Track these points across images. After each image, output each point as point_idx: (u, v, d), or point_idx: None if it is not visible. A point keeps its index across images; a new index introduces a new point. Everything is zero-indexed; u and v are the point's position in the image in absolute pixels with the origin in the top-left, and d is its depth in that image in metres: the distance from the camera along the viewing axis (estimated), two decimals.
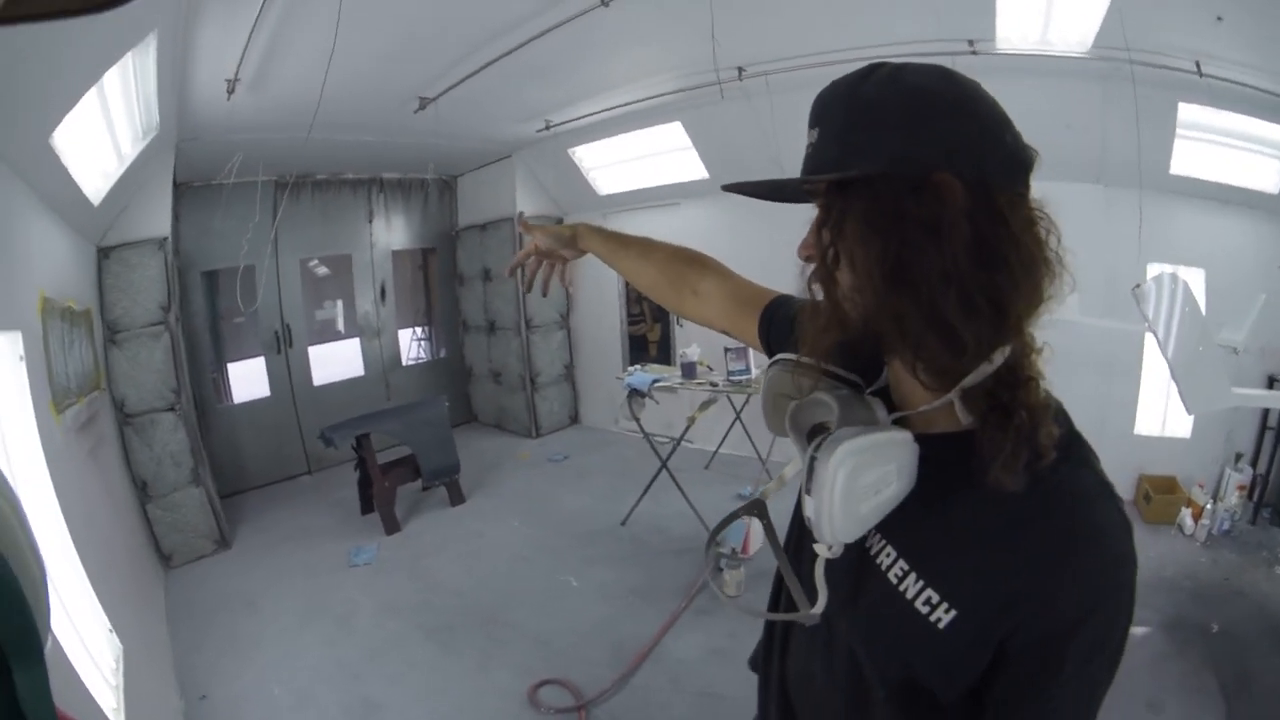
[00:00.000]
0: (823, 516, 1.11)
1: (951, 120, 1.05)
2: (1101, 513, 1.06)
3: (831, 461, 1.08)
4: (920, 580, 1.16)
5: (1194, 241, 6.57)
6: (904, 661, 1.18)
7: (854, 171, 1.06)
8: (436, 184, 11.52)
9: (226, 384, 10.54)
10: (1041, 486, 1.04)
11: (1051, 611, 1.03)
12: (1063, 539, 1.04)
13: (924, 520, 1.17)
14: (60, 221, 5.22)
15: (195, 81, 5.69)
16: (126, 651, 3.97)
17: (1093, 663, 1.05)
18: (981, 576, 1.09)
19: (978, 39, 5.57)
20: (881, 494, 1.12)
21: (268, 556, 7.09)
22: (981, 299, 1.02)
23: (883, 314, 1.08)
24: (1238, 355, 5.13)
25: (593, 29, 5.64)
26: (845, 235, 1.10)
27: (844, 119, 1.10)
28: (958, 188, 1.02)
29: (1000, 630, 1.06)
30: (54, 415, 4.11)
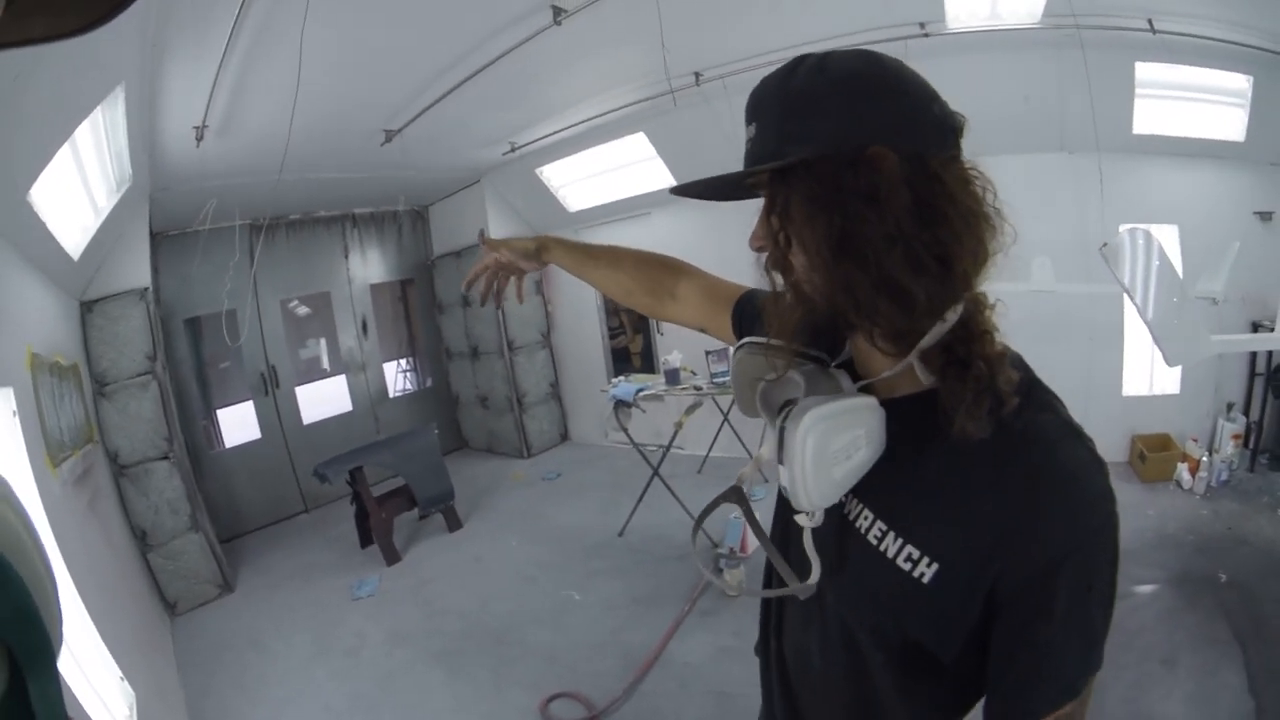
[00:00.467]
0: (796, 483, 1.15)
1: (880, 99, 1.10)
2: (1069, 452, 1.10)
3: (800, 429, 1.12)
4: (899, 539, 1.19)
5: (1164, 198, 6.65)
6: (895, 622, 1.22)
7: (793, 157, 1.10)
8: (409, 215, 11.55)
9: (217, 429, 10.49)
10: (1006, 433, 1.08)
11: (1032, 552, 1.06)
12: (1034, 480, 1.07)
13: (896, 479, 1.21)
14: (42, 277, 5.23)
15: (164, 131, 5.73)
16: (139, 699, 3.99)
17: (1084, 603, 1.07)
18: (958, 526, 1.12)
19: (928, 21, 5.64)
20: (853, 458, 1.16)
21: (271, 597, 7.08)
22: (927, 256, 1.06)
23: (835, 287, 1.12)
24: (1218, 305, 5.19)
25: (547, 48, 5.72)
26: (792, 218, 1.14)
27: (778, 111, 1.14)
28: (892, 157, 1.06)
29: (984, 578, 1.09)
30: (50, 469, 4.12)
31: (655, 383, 7.41)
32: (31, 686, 0.74)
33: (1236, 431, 6.56)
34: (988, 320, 1.16)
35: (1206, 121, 6.33)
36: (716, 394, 7.01)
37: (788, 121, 1.12)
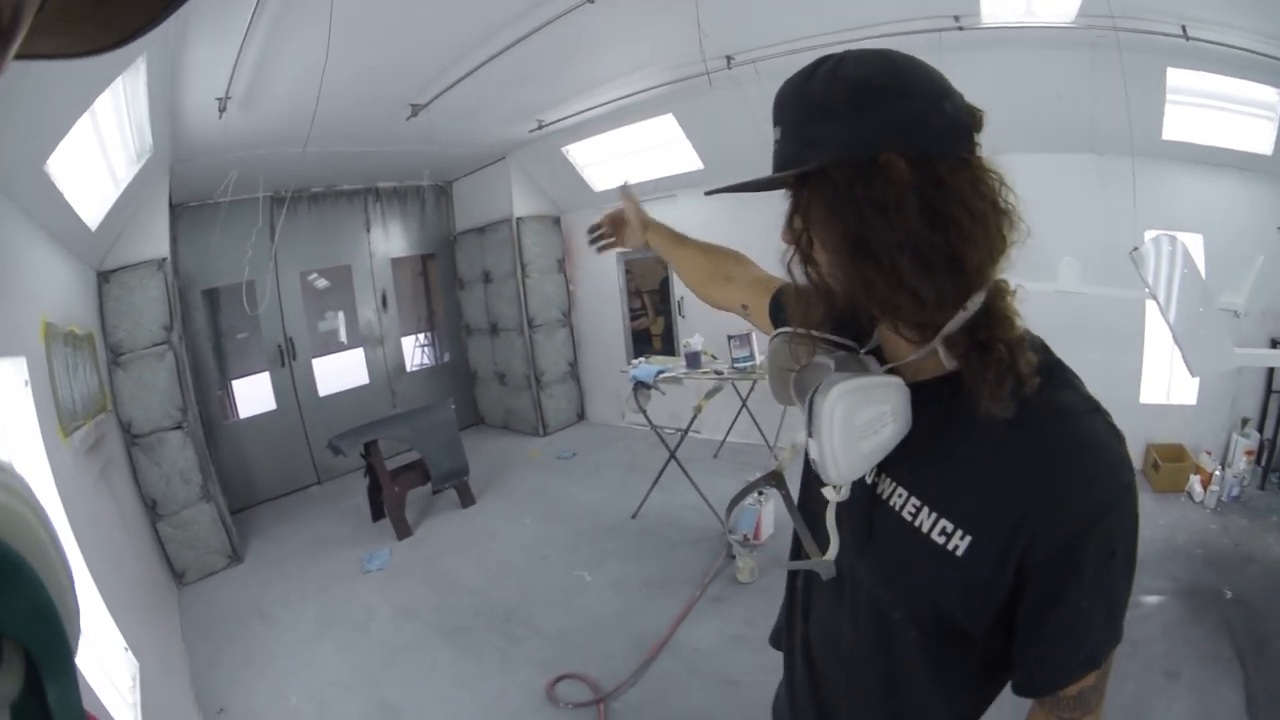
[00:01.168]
0: (825, 455, 1.22)
1: (892, 102, 1.13)
2: (1090, 424, 1.16)
3: (828, 401, 1.20)
4: (934, 513, 1.25)
5: (1190, 206, 6.55)
6: (929, 595, 1.28)
7: (810, 165, 1.16)
8: (432, 190, 11.55)
9: (232, 400, 10.58)
10: (1030, 410, 1.14)
11: (1061, 520, 1.11)
12: (1060, 452, 1.14)
13: (928, 457, 1.27)
14: (59, 247, 5.23)
15: (186, 102, 5.71)
16: (142, 669, 3.99)
17: (1108, 566, 1.13)
18: (989, 500, 1.18)
19: (963, 14, 5.57)
20: (879, 433, 1.23)
21: (281, 568, 7.11)
22: (937, 258, 1.11)
23: (855, 284, 1.18)
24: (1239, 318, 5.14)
25: (580, 26, 5.66)
26: (813, 220, 1.20)
27: (797, 116, 1.20)
28: (902, 165, 1.11)
29: (1015, 548, 1.14)
30: (61, 438, 4.12)
31: (676, 365, 7.40)
32: (49, 688, 0.72)
33: (1250, 447, 6.49)
34: (1009, 306, 1.21)
35: (1235, 132, 6.24)
36: (737, 379, 7.00)
37: (806, 127, 1.18)
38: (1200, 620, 4.76)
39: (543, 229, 11.05)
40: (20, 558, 0.68)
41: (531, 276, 10.81)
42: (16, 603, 0.68)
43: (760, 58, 6.47)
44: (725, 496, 6.31)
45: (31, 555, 0.71)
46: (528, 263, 10.75)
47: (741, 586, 5.77)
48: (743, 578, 5.78)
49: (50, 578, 0.74)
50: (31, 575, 0.70)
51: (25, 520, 0.74)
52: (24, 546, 0.71)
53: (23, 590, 0.69)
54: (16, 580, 0.68)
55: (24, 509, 0.75)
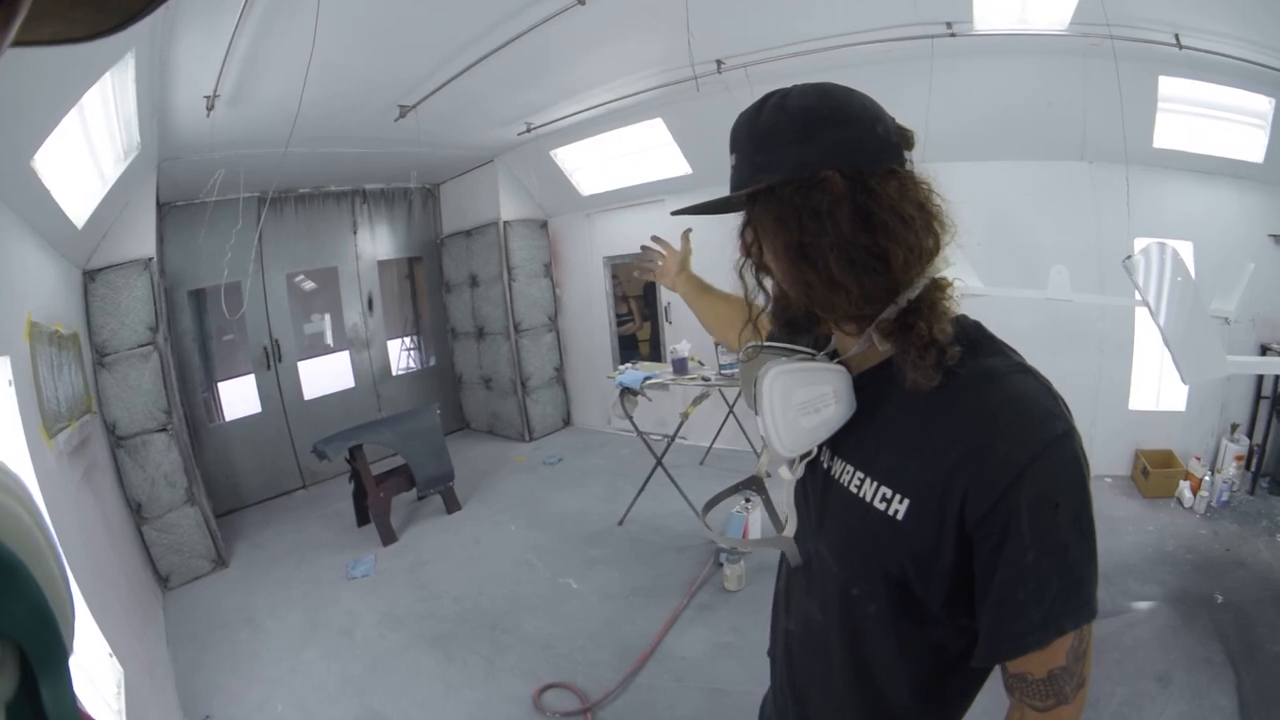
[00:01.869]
0: (769, 429, 1.39)
1: (831, 129, 1.30)
2: (1014, 382, 1.24)
3: (766, 380, 1.38)
4: (874, 481, 1.35)
5: (1181, 214, 6.58)
6: (879, 562, 1.34)
7: (761, 184, 1.34)
8: (420, 192, 11.54)
9: (218, 402, 10.53)
10: (955, 376, 1.25)
11: (990, 473, 1.16)
12: (980, 409, 1.22)
13: (870, 434, 1.40)
14: (44, 245, 5.18)
15: (175, 99, 5.68)
16: (127, 675, 3.96)
17: (1050, 518, 1.15)
18: (922, 463, 1.26)
19: (955, 21, 5.58)
20: (821, 412, 1.40)
21: (266, 573, 7.05)
22: (866, 257, 1.28)
23: (798, 286, 1.36)
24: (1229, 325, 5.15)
25: (570, 28, 5.63)
26: (763, 231, 1.40)
27: (749, 144, 1.37)
28: (837, 179, 1.28)
29: (952, 507, 1.20)
30: (45, 440, 4.08)
31: (662, 371, 7.37)
32: (44, 689, 0.70)
33: (1239, 453, 6.52)
34: (944, 297, 1.34)
35: (1226, 140, 6.29)
36: (723, 385, 6.96)
37: (757, 154, 1.36)
38: (1191, 625, 4.76)
39: (530, 233, 11.03)
40: (15, 557, 0.67)
41: (518, 280, 10.78)
42: (11, 603, 0.66)
43: (751, 62, 6.46)
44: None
45: (26, 555, 0.70)
46: (514, 266, 10.72)
47: (729, 594, 5.74)
48: (730, 585, 5.76)
49: (45, 578, 0.73)
50: (26, 575, 0.69)
51: (20, 520, 0.73)
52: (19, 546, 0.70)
53: (17, 590, 0.68)
54: (11, 580, 0.66)
55: (19, 508, 0.74)
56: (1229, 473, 6.43)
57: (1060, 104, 6.22)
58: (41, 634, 0.70)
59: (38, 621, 0.70)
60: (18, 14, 0.50)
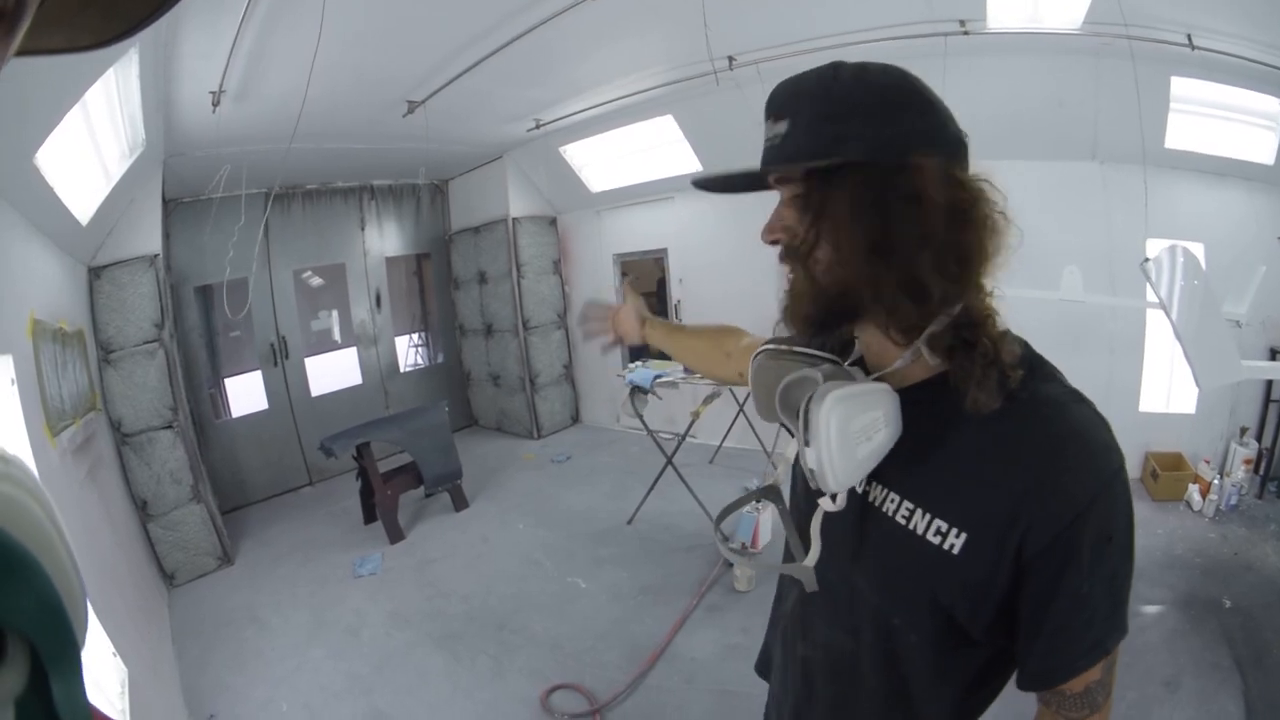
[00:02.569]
0: (824, 463, 1.21)
1: (918, 111, 1.20)
2: (1077, 413, 1.18)
3: (823, 409, 1.19)
4: (927, 514, 1.25)
5: (1192, 216, 6.55)
6: (928, 596, 1.27)
7: (843, 158, 1.16)
8: (428, 189, 11.52)
9: (224, 399, 10.53)
10: (1016, 403, 1.17)
11: (1054, 507, 1.12)
12: (1046, 441, 1.15)
13: (917, 460, 1.28)
14: (48, 243, 5.16)
15: (180, 95, 5.66)
16: (131, 675, 3.94)
17: (1105, 551, 1.14)
18: (981, 494, 1.19)
19: (969, 19, 5.54)
20: (873, 440, 1.23)
21: (272, 571, 7.05)
22: (951, 257, 1.16)
23: (862, 282, 1.20)
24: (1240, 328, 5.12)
25: (580, 23, 5.59)
26: (828, 216, 1.21)
27: (815, 112, 1.21)
28: (933, 164, 1.14)
29: (1011, 540, 1.15)
30: (49, 438, 4.07)
31: (673, 370, 7.33)
32: (55, 685, 0.67)
33: (1249, 456, 6.49)
34: (988, 306, 1.24)
35: (1238, 142, 6.26)
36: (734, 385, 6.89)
37: (828, 123, 1.19)
38: (1199, 629, 4.76)
39: (539, 229, 11.02)
40: (26, 551, 0.65)
41: (527, 277, 10.78)
42: (22, 597, 0.63)
43: (763, 59, 6.40)
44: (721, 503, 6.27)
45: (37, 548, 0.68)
46: (523, 263, 10.72)
47: (739, 595, 5.72)
48: (740, 586, 5.75)
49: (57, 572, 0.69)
50: (37, 568, 0.66)
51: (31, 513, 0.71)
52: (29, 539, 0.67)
53: (28, 584, 0.65)
54: (22, 574, 0.63)
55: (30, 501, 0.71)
56: (1238, 476, 6.42)
57: (1072, 104, 6.20)
58: (53, 629, 0.67)
59: (49, 616, 0.67)
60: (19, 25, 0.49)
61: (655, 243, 10.17)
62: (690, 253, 9.73)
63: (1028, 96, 6.23)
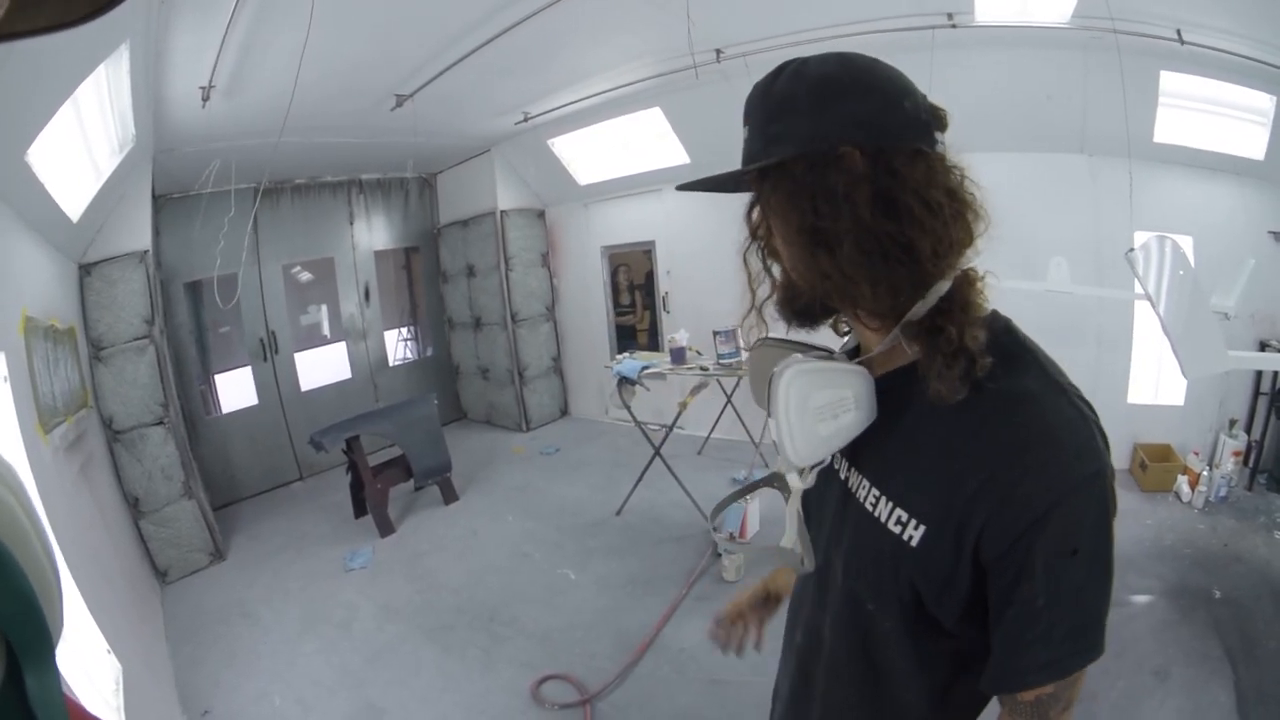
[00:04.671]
0: (783, 435, 1.25)
1: (851, 99, 1.18)
2: (1050, 410, 1.13)
3: (783, 381, 1.24)
4: (890, 502, 1.26)
5: (1181, 209, 6.56)
6: (893, 584, 1.27)
7: (773, 159, 1.21)
8: (416, 182, 11.50)
9: (214, 395, 10.51)
10: (984, 394, 1.14)
11: (1011, 510, 1.08)
12: (1007, 439, 1.12)
13: (887, 445, 1.30)
14: (39, 239, 5.17)
15: (169, 91, 5.65)
16: (125, 671, 3.94)
17: (1067, 565, 1.08)
18: (941, 489, 1.17)
19: (956, 12, 5.56)
20: (839, 419, 1.26)
21: (264, 566, 7.05)
22: (890, 245, 1.15)
23: (813, 273, 1.24)
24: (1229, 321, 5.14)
25: (568, 16, 5.59)
26: (773, 211, 1.28)
27: (762, 115, 1.25)
28: (857, 156, 1.16)
29: (967, 539, 1.13)
30: (41, 435, 4.08)
31: (660, 361, 7.36)
32: (29, 679, 0.72)
33: (1237, 448, 6.52)
34: (975, 293, 1.23)
35: (1227, 137, 6.27)
36: (721, 375, 6.95)
37: (770, 124, 1.23)
38: (1189, 620, 4.77)
39: (527, 222, 11.02)
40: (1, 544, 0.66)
41: (515, 270, 10.77)
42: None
43: (750, 51, 6.43)
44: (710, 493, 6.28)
45: (12, 541, 0.70)
46: (511, 256, 10.71)
47: (728, 585, 5.75)
48: (729, 576, 5.78)
49: (32, 565, 0.73)
50: (10, 562, 0.69)
51: (7, 505, 0.73)
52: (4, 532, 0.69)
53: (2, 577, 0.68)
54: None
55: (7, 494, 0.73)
56: (1227, 468, 6.44)
57: (1060, 97, 6.21)
58: (26, 622, 0.71)
59: (22, 610, 0.70)
60: None
61: (643, 235, 10.16)
62: (678, 244, 9.73)
63: (1016, 90, 6.23)
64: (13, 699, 0.71)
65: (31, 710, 0.72)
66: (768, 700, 1.83)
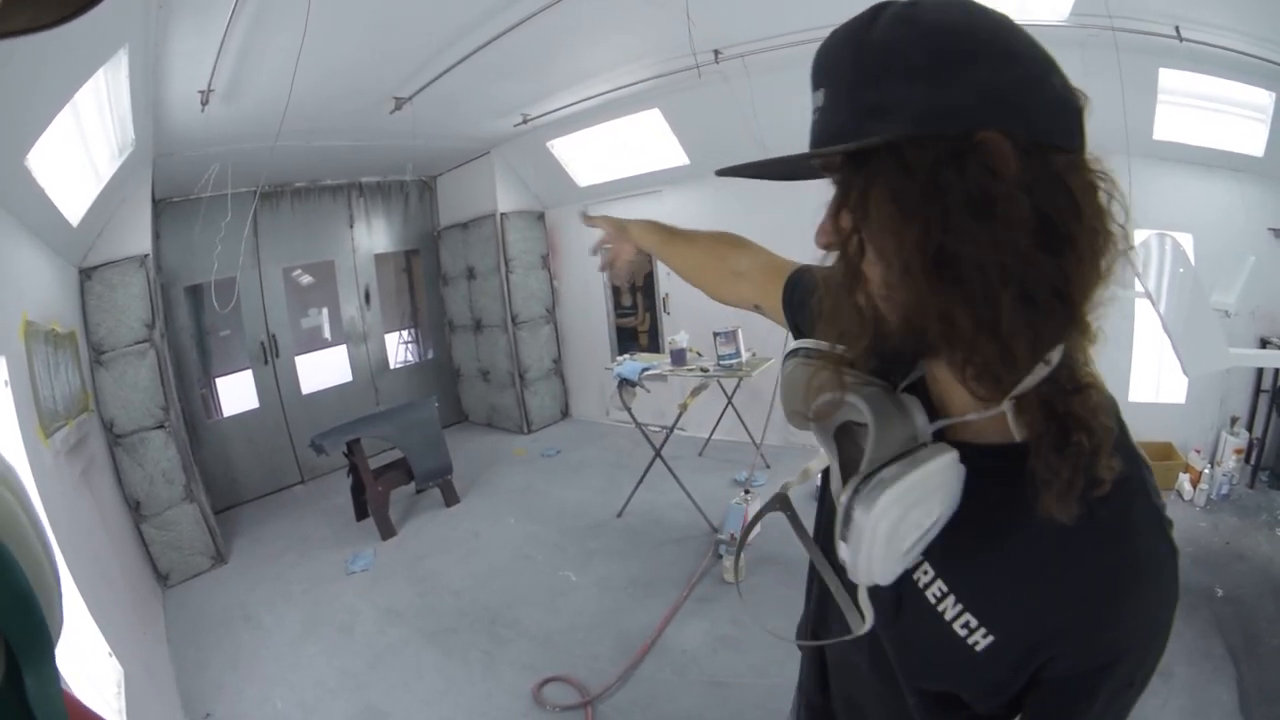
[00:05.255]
0: (860, 563, 0.99)
1: (988, 63, 0.85)
2: (1153, 551, 0.98)
3: (874, 513, 0.95)
4: (959, 604, 1.08)
5: (1181, 206, 6.56)
6: (940, 678, 1.15)
7: (875, 138, 0.87)
8: (416, 185, 11.49)
9: (215, 398, 10.50)
10: (1095, 520, 0.92)
11: (1090, 650, 0.98)
12: (1110, 579, 0.96)
13: (965, 542, 1.05)
14: (40, 244, 5.17)
15: (169, 94, 5.65)
16: (127, 675, 3.95)
17: (1124, 695, 1.02)
18: (1023, 607, 1.02)
19: None
20: (923, 528, 0.99)
21: (265, 569, 7.06)
22: (1045, 292, 0.86)
23: (927, 313, 0.90)
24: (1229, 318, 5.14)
25: (567, 17, 5.60)
26: (870, 219, 0.91)
27: (853, 74, 0.91)
28: (1009, 150, 0.84)
29: (1036, 659, 1.01)
30: (42, 439, 4.08)
31: (660, 363, 7.37)
32: (28, 679, 0.71)
33: (1239, 446, 6.53)
34: (1087, 361, 1.00)
35: (1227, 133, 6.28)
36: (722, 376, 6.96)
37: (865, 88, 0.89)
38: (1191, 619, 4.78)
39: (527, 224, 11.02)
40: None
41: (515, 272, 10.77)
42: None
43: (749, 52, 6.42)
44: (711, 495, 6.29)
45: (11, 541, 0.70)
46: (512, 258, 10.72)
47: (729, 587, 5.74)
48: (729, 577, 5.76)
49: (31, 564, 0.73)
50: (10, 561, 0.69)
51: (6, 504, 0.72)
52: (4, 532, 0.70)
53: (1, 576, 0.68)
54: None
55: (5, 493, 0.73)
56: (1229, 466, 6.45)
57: None
58: (25, 622, 0.71)
59: (20, 608, 0.70)
60: None
61: None
62: None
63: None
64: (12, 698, 0.70)
65: (31, 709, 0.72)
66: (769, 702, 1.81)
